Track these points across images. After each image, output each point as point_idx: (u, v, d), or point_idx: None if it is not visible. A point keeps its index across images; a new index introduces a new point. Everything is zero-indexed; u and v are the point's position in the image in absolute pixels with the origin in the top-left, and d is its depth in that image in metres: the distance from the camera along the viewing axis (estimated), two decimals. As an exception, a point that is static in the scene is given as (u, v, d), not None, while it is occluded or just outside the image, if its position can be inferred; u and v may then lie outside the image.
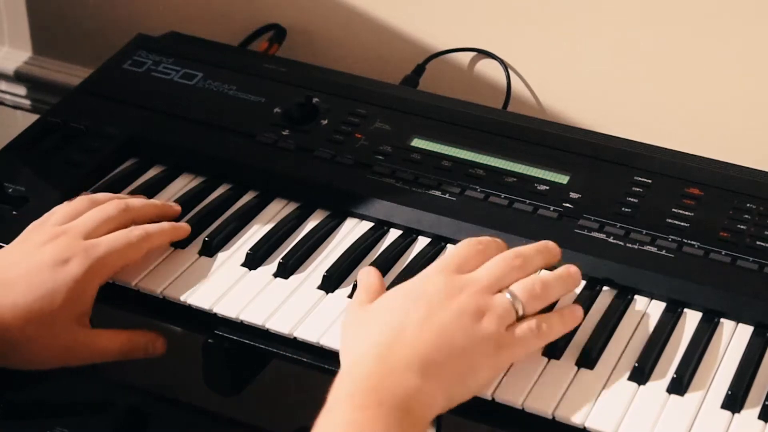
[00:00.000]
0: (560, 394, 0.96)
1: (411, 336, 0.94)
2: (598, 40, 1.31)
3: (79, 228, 1.07)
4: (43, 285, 1.03)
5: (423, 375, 0.92)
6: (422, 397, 0.91)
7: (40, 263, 1.04)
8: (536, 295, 0.98)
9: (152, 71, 1.33)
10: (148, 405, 1.13)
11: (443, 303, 0.96)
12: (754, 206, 1.11)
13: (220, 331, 1.06)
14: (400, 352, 0.93)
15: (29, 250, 1.06)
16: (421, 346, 0.93)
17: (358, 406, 0.89)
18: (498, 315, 0.96)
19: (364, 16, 1.42)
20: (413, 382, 0.91)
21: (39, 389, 1.15)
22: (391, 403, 0.89)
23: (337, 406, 0.90)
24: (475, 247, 1.02)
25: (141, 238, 1.08)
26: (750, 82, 1.26)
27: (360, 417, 0.88)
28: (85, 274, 1.04)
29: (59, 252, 1.04)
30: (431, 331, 0.94)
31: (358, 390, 0.90)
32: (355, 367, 0.93)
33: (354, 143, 1.21)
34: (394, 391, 0.90)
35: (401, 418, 0.89)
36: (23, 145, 1.24)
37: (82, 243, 1.05)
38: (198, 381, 1.10)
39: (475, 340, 0.94)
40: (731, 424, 0.94)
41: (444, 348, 0.93)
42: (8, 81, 1.68)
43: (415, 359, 0.92)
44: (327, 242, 1.13)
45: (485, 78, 1.39)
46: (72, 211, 1.10)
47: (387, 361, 0.92)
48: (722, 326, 1.03)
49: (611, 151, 1.19)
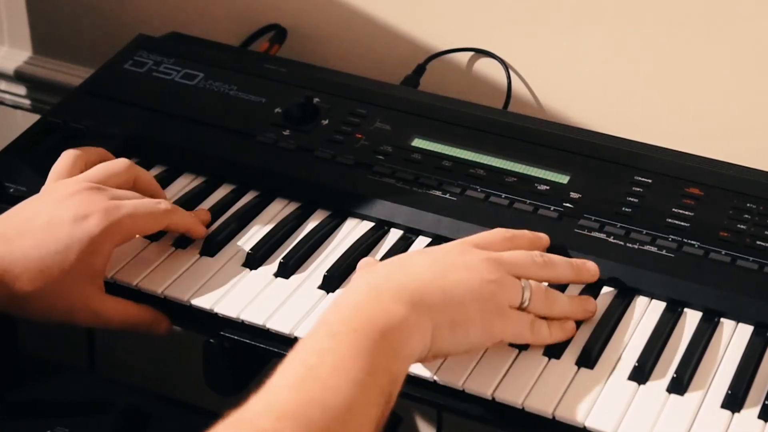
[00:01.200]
0: (560, 394, 0.96)
1: (410, 273, 0.94)
2: (598, 40, 1.31)
3: (110, 192, 1.07)
4: (60, 239, 1.03)
5: (411, 308, 0.91)
6: (404, 328, 0.90)
7: (61, 217, 1.04)
8: (544, 297, 0.99)
9: (153, 71, 1.33)
10: (148, 405, 1.12)
11: (454, 257, 0.97)
12: (754, 206, 1.11)
13: (221, 331, 1.06)
14: (394, 284, 0.92)
15: (54, 202, 1.05)
16: (417, 281, 0.93)
17: (332, 332, 0.88)
18: (505, 286, 0.96)
19: (365, 17, 1.42)
20: (397, 311, 0.90)
21: (39, 389, 1.15)
22: (367, 329, 0.88)
23: (313, 333, 0.89)
24: (503, 234, 1.03)
25: (165, 210, 1.08)
26: (750, 82, 1.26)
27: (328, 343, 0.87)
28: (102, 233, 1.04)
29: (81, 207, 1.04)
30: (433, 272, 0.94)
31: (339, 317, 0.90)
32: (343, 297, 0.93)
33: (354, 143, 1.21)
34: (376, 317, 0.89)
35: (374, 342, 0.87)
36: (23, 145, 1.25)
37: (105, 202, 1.05)
38: (198, 381, 1.10)
39: (476, 296, 0.94)
40: (731, 423, 0.94)
41: (441, 290, 0.93)
42: (8, 81, 1.68)
43: (406, 291, 0.92)
44: (328, 242, 1.13)
45: (485, 78, 1.39)
46: (110, 173, 1.10)
47: (377, 290, 0.92)
48: (722, 326, 1.03)
49: (611, 151, 1.19)
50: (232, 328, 1.06)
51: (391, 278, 0.94)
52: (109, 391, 1.15)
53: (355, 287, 0.94)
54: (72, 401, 1.14)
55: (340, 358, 0.86)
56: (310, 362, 0.86)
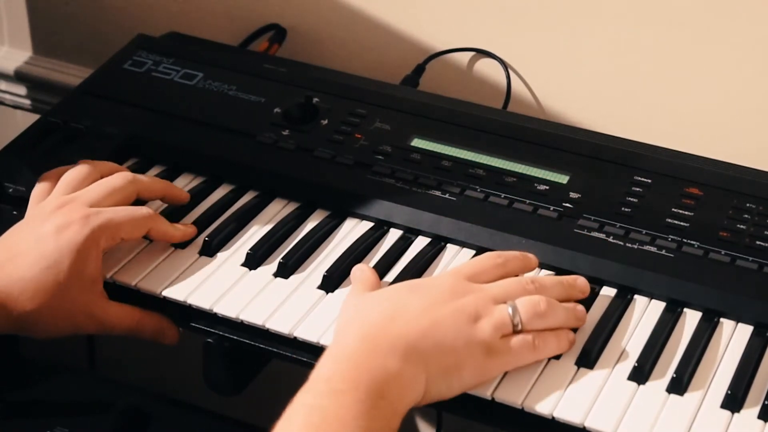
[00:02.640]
0: (560, 394, 0.96)
1: (402, 322, 0.94)
2: (598, 40, 1.31)
3: (85, 197, 1.08)
4: (48, 254, 1.04)
5: (405, 360, 0.91)
6: (401, 381, 0.91)
7: (46, 233, 1.05)
8: (539, 313, 0.98)
9: (152, 71, 1.33)
10: (148, 405, 1.12)
11: (444, 299, 0.97)
12: (754, 206, 1.11)
13: (221, 331, 1.06)
14: (388, 334, 0.93)
15: (37, 223, 1.07)
16: (410, 333, 0.93)
17: (332, 390, 0.89)
18: (494, 322, 0.96)
19: (365, 16, 1.42)
20: (394, 365, 0.91)
21: (39, 389, 1.15)
22: (366, 386, 0.89)
23: (313, 388, 0.90)
24: (494, 260, 1.03)
25: (144, 216, 1.09)
26: (750, 83, 1.26)
27: (330, 402, 0.88)
28: (85, 240, 1.04)
29: (61, 219, 1.05)
30: (424, 321, 0.94)
31: (337, 372, 0.90)
32: (338, 348, 0.93)
33: (354, 143, 1.21)
34: (373, 373, 0.90)
35: (374, 402, 0.88)
36: (23, 145, 1.25)
37: (84, 210, 1.06)
38: (198, 381, 1.10)
39: (466, 341, 0.94)
40: (731, 423, 0.94)
41: (432, 339, 0.94)
42: (8, 81, 1.68)
43: (401, 343, 0.92)
44: (327, 242, 1.13)
45: (485, 78, 1.39)
46: (77, 180, 1.11)
47: (372, 343, 0.92)
48: (722, 326, 1.03)
49: (611, 151, 1.19)
50: (231, 328, 1.06)
51: (384, 329, 0.94)
52: (109, 391, 1.15)
53: (349, 338, 0.94)
54: (72, 401, 1.14)
55: (342, 419, 0.87)
56: (314, 422, 0.87)
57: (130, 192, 1.11)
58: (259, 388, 1.16)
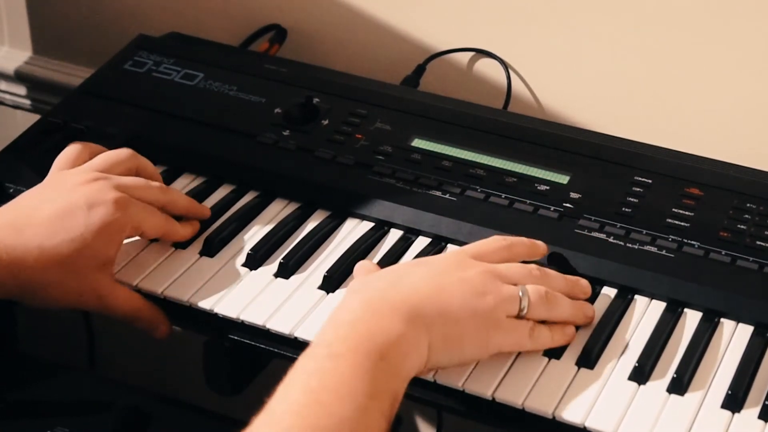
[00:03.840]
0: (560, 394, 0.96)
1: (407, 287, 0.94)
2: (598, 40, 1.31)
3: (118, 181, 1.08)
4: (74, 228, 1.03)
5: (408, 323, 0.91)
6: (402, 345, 0.90)
7: (73, 205, 1.04)
8: (544, 301, 0.98)
9: (153, 72, 1.33)
10: (148, 405, 1.12)
11: (450, 270, 0.96)
12: (754, 206, 1.11)
13: (221, 331, 1.06)
14: (391, 299, 0.92)
15: (63, 191, 1.06)
16: (413, 297, 0.93)
17: (332, 354, 0.88)
18: (501, 298, 0.96)
19: (365, 17, 1.42)
20: (396, 328, 0.90)
21: (39, 389, 1.15)
22: (367, 348, 0.88)
23: (313, 352, 0.89)
24: (500, 243, 1.03)
25: (166, 219, 1.10)
26: (750, 83, 1.26)
27: (330, 365, 0.87)
28: (116, 221, 1.04)
29: (94, 195, 1.05)
30: (429, 287, 0.94)
31: (338, 336, 0.89)
32: (341, 313, 0.92)
33: (354, 143, 1.21)
34: (374, 335, 0.89)
35: (374, 364, 0.87)
36: (23, 145, 1.25)
37: (115, 193, 1.06)
38: (198, 381, 1.10)
39: (470, 311, 0.94)
40: (731, 423, 0.94)
41: (437, 304, 0.93)
42: (8, 81, 1.69)
43: (404, 307, 0.92)
44: (328, 242, 1.13)
45: (485, 78, 1.39)
46: (116, 162, 1.11)
47: (375, 307, 0.91)
48: (722, 326, 1.03)
49: (611, 151, 1.19)
50: (232, 328, 1.06)
51: (387, 293, 0.93)
52: (109, 391, 1.15)
53: (351, 303, 0.93)
54: (72, 401, 1.14)
55: (341, 381, 0.86)
56: (311, 385, 0.86)
57: (159, 202, 1.10)
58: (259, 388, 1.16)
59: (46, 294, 1.04)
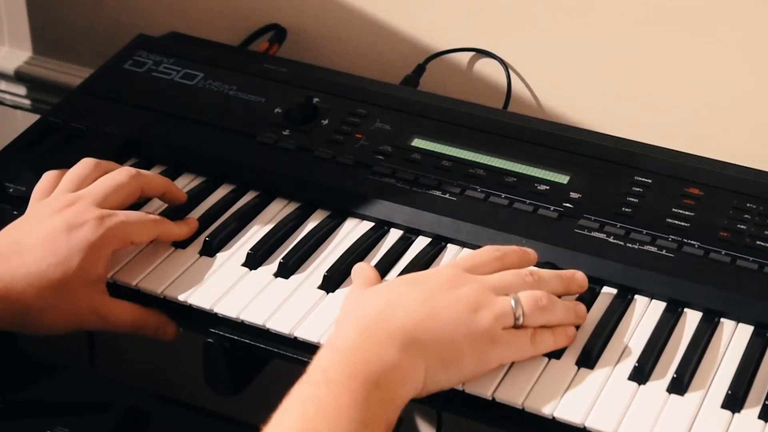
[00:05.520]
0: (560, 394, 0.96)
1: (401, 312, 0.94)
2: (599, 40, 1.31)
3: (92, 195, 1.08)
4: (58, 251, 1.04)
5: (403, 350, 0.91)
6: (398, 372, 0.90)
7: (54, 230, 1.05)
8: (541, 307, 0.98)
9: (153, 71, 1.33)
10: (148, 405, 1.12)
11: (443, 290, 0.96)
12: (754, 206, 1.11)
13: (221, 331, 1.06)
14: (386, 325, 0.92)
15: (43, 218, 1.06)
16: (408, 323, 0.93)
17: (328, 380, 0.88)
18: (496, 313, 0.96)
19: (365, 16, 1.42)
20: (392, 356, 0.90)
21: (39, 389, 1.15)
22: (363, 376, 0.88)
23: (309, 378, 0.90)
24: (493, 254, 1.03)
25: (155, 220, 1.10)
26: (750, 83, 1.26)
27: (326, 392, 0.87)
28: (99, 239, 1.05)
29: (73, 218, 1.05)
30: (423, 311, 0.94)
31: (333, 363, 0.90)
32: (336, 339, 0.93)
33: (354, 143, 1.21)
34: (369, 363, 0.89)
35: (370, 392, 0.88)
36: (23, 145, 1.25)
37: (96, 210, 1.06)
38: (198, 381, 1.10)
39: (466, 330, 0.94)
40: (731, 423, 0.94)
41: (432, 329, 0.93)
42: (8, 81, 1.69)
43: (399, 334, 0.92)
44: (327, 242, 1.13)
45: (485, 78, 1.39)
46: (80, 177, 1.11)
47: (370, 334, 0.92)
48: (722, 326, 1.03)
49: (611, 151, 1.19)
50: (231, 328, 1.06)
51: (382, 320, 0.93)
52: (109, 391, 1.15)
53: (346, 329, 0.94)
54: (72, 401, 1.14)
55: (336, 409, 0.86)
56: (309, 413, 0.87)
57: (134, 188, 1.11)
58: (259, 388, 1.16)
59: (44, 320, 1.05)
